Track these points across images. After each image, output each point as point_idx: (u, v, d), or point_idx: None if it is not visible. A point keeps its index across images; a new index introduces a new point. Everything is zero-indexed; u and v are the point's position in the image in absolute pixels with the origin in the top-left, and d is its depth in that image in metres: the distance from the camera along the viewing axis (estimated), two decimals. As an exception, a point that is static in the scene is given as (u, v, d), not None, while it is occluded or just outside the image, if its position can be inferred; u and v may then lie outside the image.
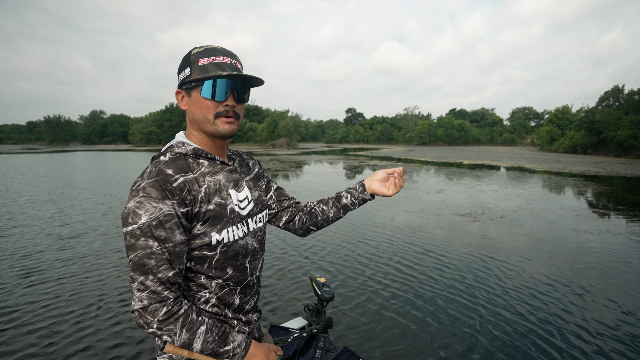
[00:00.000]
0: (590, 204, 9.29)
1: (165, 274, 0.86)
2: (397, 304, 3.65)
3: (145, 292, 0.84)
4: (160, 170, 0.90)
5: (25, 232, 6.29)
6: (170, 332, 0.86)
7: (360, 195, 1.33)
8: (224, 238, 0.97)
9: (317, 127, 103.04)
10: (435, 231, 6.43)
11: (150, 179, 0.87)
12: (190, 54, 0.96)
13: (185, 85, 0.97)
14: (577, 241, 5.81)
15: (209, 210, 0.94)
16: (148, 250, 0.84)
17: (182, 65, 0.98)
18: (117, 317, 3.31)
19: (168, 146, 1.01)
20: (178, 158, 0.96)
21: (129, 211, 0.85)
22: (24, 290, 3.87)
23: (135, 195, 0.86)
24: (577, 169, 19.29)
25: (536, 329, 3.15)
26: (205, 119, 0.97)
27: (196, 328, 0.89)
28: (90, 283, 4.07)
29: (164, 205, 0.85)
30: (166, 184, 0.87)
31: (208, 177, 0.97)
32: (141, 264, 0.84)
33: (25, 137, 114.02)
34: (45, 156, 34.16)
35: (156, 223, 0.84)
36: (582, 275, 4.38)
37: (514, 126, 79.68)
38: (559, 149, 38.57)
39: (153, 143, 74.80)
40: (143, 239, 0.84)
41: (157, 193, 0.86)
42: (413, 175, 16.28)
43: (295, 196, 10.09)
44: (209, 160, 1.01)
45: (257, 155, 33.00)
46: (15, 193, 10.80)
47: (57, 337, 2.98)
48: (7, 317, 3.29)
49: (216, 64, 0.94)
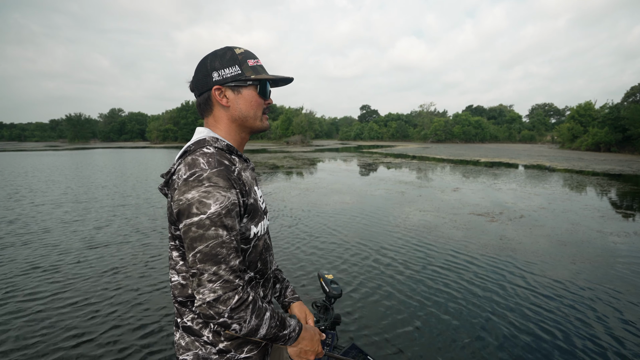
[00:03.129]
0: (616, 205, 8.89)
1: (235, 262, 0.86)
2: (408, 303, 3.55)
3: (218, 282, 0.84)
4: (220, 161, 0.91)
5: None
6: (240, 319, 0.86)
7: (284, 300, 1.30)
8: (259, 231, 1.02)
9: (331, 124, 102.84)
10: (451, 231, 6.25)
11: (214, 169, 0.88)
12: (236, 53, 1.00)
13: (235, 82, 0.99)
14: (603, 244, 5.54)
15: (251, 204, 0.98)
16: (219, 240, 0.84)
17: (227, 63, 0.99)
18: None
19: (201, 139, 0.99)
20: (222, 152, 0.97)
21: (193, 202, 0.84)
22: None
23: (199, 185, 0.85)
24: (600, 167, 18.58)
25: (557, 337, 2.99)
26: (255, 116, 1.03)
27: (263, 314, 0.90)
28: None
29: (231, 194, 0.87)
30: (230, 174, 0.90)
31: (243, 173, 1.00)
32: (213, 254, 0.84)
33: (48, 134, 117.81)
34: (68, 155, 35.16)
35: (225, 212, 0.85)
36: (608, 280, 4.16)
37: (533, 123, 77.41)
38: (580, 146, 37.34)
39: (169, 140, 76.15)
40: (214, 229, 0.84)
41: (225, 182, 0.87)
42: (428, 173, 16.00)
43: (309, 194, 10.04)
44: (238, 157, 1.04)
45: (271, 152, 33.19)
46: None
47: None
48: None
49: (260, 66, 1.03)
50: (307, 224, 6.72)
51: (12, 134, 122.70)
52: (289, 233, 6.09)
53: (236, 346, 1.02)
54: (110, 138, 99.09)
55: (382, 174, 15.49)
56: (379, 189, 10.97)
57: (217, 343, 1.00)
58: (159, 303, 3.57)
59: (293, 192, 10.44)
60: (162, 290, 3.85)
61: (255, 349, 1.05)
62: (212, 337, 1.00)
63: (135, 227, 6.53)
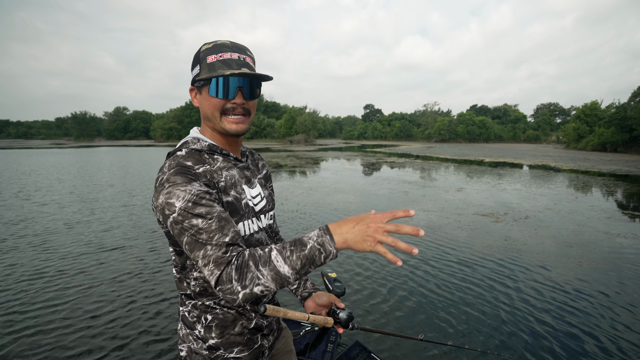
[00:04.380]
0: (623, 206, 8.78)
1: (222, 239, 0.83)
2: (410, 303, 3.51)
3: (211, 263, 0.82)
4: (179, 163, 0.91)
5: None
6: (253, 281, 0.79)
7: (304, 291, 1.26)
8: (240, 231, 0.98)
9: (334, 123, 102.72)
10: (455, 232, 6.19)
11: (171, 170, 0.89)
12: (200, 51, 0.97)
13: (196, 83, 0.99)
14: (610, 245, 5.46)
15: (228, 202, 0.96)
16: (195, 229, 0.84)
17: (193, 63, 0.99)
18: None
19: (183, 142, 1.02)
20: (194, 153, 0.97)
21: (162, 205, 0.87)
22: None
23: (162, 189, 0.87)
24: (606, 167, 18.39)
25: (561, 340, 2.94)
26: (213, 117, 0.98)
27: (269, 257, 0.81)
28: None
29: (192, 186, 0.87)
30: (189, 170, 0.90)
31: (224, 171, 0.99)
32: (195, 240, 0.84)
33: (54, 132, 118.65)
34: (74, 153, 35.36)
35: (192, 204, 0.85)
36: (615, 283, 4.09)
37: (538, 123, 76.86)
38: (586, 146, 37.01)
39: (173, 139, 76.37)
40: (187, 222, 0.84)
41: (182, 178, 0.87)
42: (432, 172, 15.90)
43: (312, 193, 10.01)
44: (223, 156, 1.03)
45: (274, 152, 33.17)
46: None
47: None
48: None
49: (223, 61, 0.94)
50: (310, 223, 6.68)
51: (19, 131, 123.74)
52: (292, 232, 6.06)
53: (226, 344, 1.01)
54: (115, 136, 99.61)
55: (386, 174, 15.42)
56: (383, 189, 10.92)
57: (207, 339, 1.01)
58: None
59: (296, 191, 10.42)
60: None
61: (247, 350, 1.04)
62: (203, 332, 1.01)
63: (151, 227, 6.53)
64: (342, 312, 1.17)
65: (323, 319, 1.15)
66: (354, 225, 0.81)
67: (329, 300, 1.19)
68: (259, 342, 1.08)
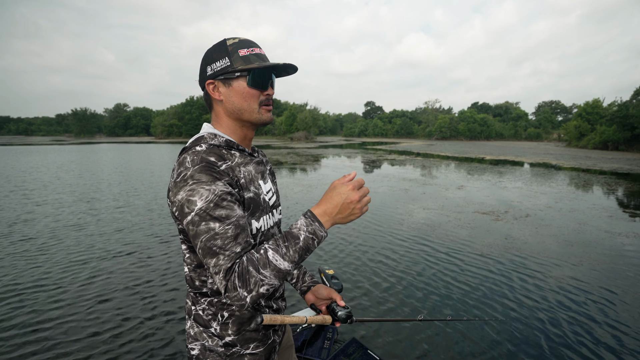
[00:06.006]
0: (624, 204, 8.74)
1: (235, 249, 0.84)
2: (409, 300, 3.49)
3: (221, 273, 0.83)
4: (203, 158, 0.90)
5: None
6: (257, 284, 0.82)
7: (303, 285, 1.27)
8: (262, 226, 1.00)
9: (335, 120, 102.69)
10: (456, 230, 6.16)
11: (196, 166, 0.87)
12: (227, 45, 0.97)
13: (224, 75, 0.97)
14: (611, 245, 5.42)
15: (249, 198, 0.97)
16: (211, 233, 0.84)
17: (218, 56, 0.98)
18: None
19: (199, 137, 1.01)
20: (214, 148, 0.96)
21: (182, 202, 0.86)
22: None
23: (184, 184, 0.86)
24: (608, 166, 18.33)
25: (561, 339, 2.91)
26: (250, 108, 0.99)
27: (266, 259, 0.84)
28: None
29: (217, 186, 0.86)
30: (214, 167, 0.89)
31: (242, 167, 1.00)
32: (208, 247, 0.84)
33: (54, 129, 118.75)
34: (76, 150, 35.38)
35: (213, 205, 0.85)
36: (616, 282, 4.05)
37: (539, 121, 76.57)
38: (588, 144, 36.90)
39: (174, 135, 76.39)
40: (204, 224, 0.84)
41: (207, 177, 0.86)
42: (432, 170, 15.86)
43: (312, 190, 9.98)
44: (239, 151, 1.03)
45: (275, 149, 33.16)
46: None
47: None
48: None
49: (256, 55, 0.97)
50: (309, 221, 6.65)
51: (19, 128, 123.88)
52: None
53: (242, 341, 1.02)
54: (115, 133, 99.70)
55: (386, 171, 15.38)
56: (383, 186, 10.88)
57: (224, 336, 1.01)
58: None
59: (296, 188, 10.39)
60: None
61: (262, 346, 1.06)
62: (219, 329, 1.01)
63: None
64: (341, 311, 1.16)
65: (321, 318, 1.14)
66: (336, 204, 0.89)
67: (328, 295, 1.20)
68: (272, 338, 1.10)
